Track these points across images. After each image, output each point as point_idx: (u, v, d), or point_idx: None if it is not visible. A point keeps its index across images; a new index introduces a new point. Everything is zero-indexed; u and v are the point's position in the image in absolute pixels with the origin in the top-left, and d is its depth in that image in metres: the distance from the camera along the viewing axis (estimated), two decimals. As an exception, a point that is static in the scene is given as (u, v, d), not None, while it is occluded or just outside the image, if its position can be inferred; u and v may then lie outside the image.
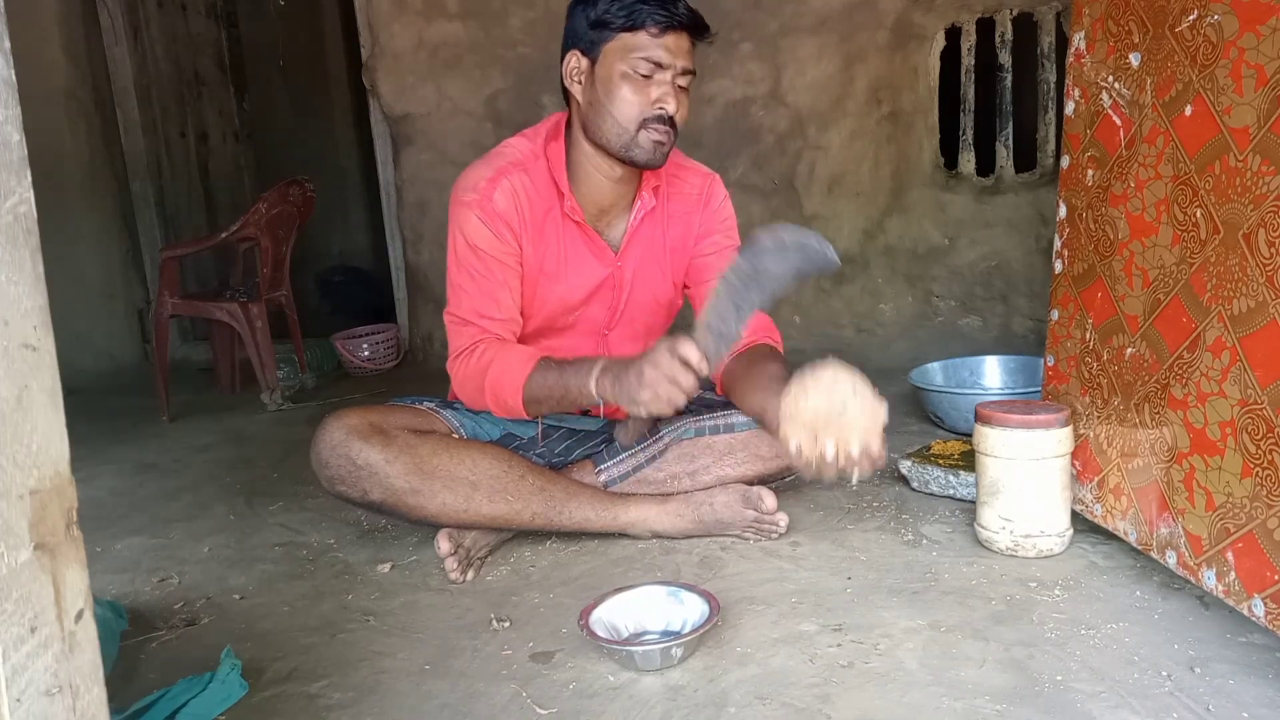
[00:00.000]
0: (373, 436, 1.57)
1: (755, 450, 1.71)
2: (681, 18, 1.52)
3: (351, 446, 1.56)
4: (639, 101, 1.53)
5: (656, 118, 1.53)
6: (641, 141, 1.55)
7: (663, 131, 1.55)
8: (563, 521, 1.65)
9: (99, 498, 2.26)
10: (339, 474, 1.57)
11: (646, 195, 1.70)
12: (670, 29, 1.51)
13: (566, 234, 1.67)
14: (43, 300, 0.55)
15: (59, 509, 0.56)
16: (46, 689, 0.54)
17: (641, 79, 1.53)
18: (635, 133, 1.55)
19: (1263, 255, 1.16)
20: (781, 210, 3.41)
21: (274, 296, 3.30)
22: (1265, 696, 1.11)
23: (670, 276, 1.79)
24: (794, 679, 1.20)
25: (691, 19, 1.54)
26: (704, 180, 1.79)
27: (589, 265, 1.70)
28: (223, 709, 1.21)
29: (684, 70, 1.54)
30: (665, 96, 1.53)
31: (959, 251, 3.20)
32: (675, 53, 1.52)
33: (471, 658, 1.32)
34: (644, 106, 1.53)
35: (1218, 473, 1.25)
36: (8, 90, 0.53)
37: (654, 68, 1.52)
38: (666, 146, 1.57)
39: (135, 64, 4.09)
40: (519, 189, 1.63)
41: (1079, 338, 1.61)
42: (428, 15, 3.59)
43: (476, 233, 1.62)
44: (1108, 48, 1.52)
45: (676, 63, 1.53)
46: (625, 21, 1.51)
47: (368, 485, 1.57)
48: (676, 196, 1.76)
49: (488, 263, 1.63)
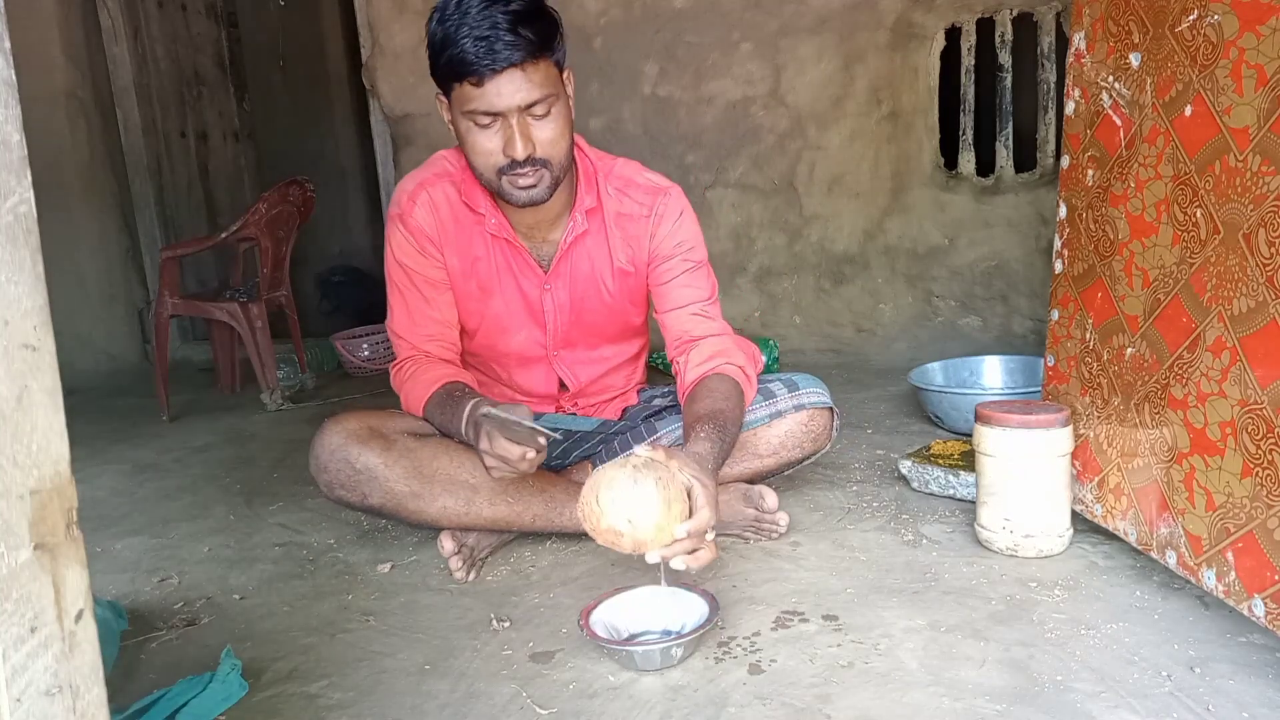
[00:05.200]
0: (372, 441, 1.56)
1: (753, 449, 1.71)
2: (502, 60, 1.37)
3: (350, 451, 1.56)
4: (489, 151, 1.46)
5: (510, 165, 1.45)
6: (506, 188, 1.49)
7: (524, 174, 1.46)
8: (563, 522, 1.65)
9: (99, 498, 2.26)
10: (338, 479, 1.57)
11: (578, 218, 1.62)
12: (495, 74, 1.38)
13: (496, 249, 1.64)
14: (43, 300, 0.55)
15: (59, 509, 0.56)
16: (46, 689, 0.54)
17: (482, 129, 1.45)
18: (498, 180, 1.49)
19: (1263, 255, 1.16)
20: (781, 210, 3.41)
21: (274, 296, 3.30)
22: (1265, 696, 1.11)
23: (622, 298, 1.70)
24: (794, 679, 1.20)
25: (521, 52, 1.38)
26: (654, 199, 1.65)
27: (517, 283, 1.66)
28: (223, 709, 1.21)
29: (526, 106, 1.42)
30: (509, 143, 1.43)
31: (959, 251, 3.20)
32: (509, 94, 1.40)
33: (471, 658, 1.32)
34: (495, 156, 1.46)
35: (1218, 473, 1.25)
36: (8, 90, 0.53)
37: (490, 117, 1.43)
38: (539, 185, 1.48)
39: (135, 64, 4.09)
40: (439, 201, 1.61)
41: (1079, 338, 1.61)
42: (427, 15, 3.59)
43: (400, 248, 1.63)
44: (1108, 48, 1.52)
45: (513, 103, 1.41)
46: (449, 74, 1.42)
47: (367, 489, 1.56)
48: (624, 217, 1.65)
49: (412, 277, 1.63)
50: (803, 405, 1.71)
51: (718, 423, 1.46)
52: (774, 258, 3.45)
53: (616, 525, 1.18)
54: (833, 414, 1.75)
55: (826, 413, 1.74)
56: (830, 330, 3.41)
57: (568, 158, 1.52)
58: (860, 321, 3.38)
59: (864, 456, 2.15)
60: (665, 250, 1.66)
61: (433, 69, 1.46)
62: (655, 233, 1.65)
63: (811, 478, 1.99)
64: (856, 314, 3.38)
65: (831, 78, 3.28)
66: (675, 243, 1.66)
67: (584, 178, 1.64)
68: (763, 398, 1.70)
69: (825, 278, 3.41)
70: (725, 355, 1.61)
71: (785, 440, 1.72)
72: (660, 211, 1.65)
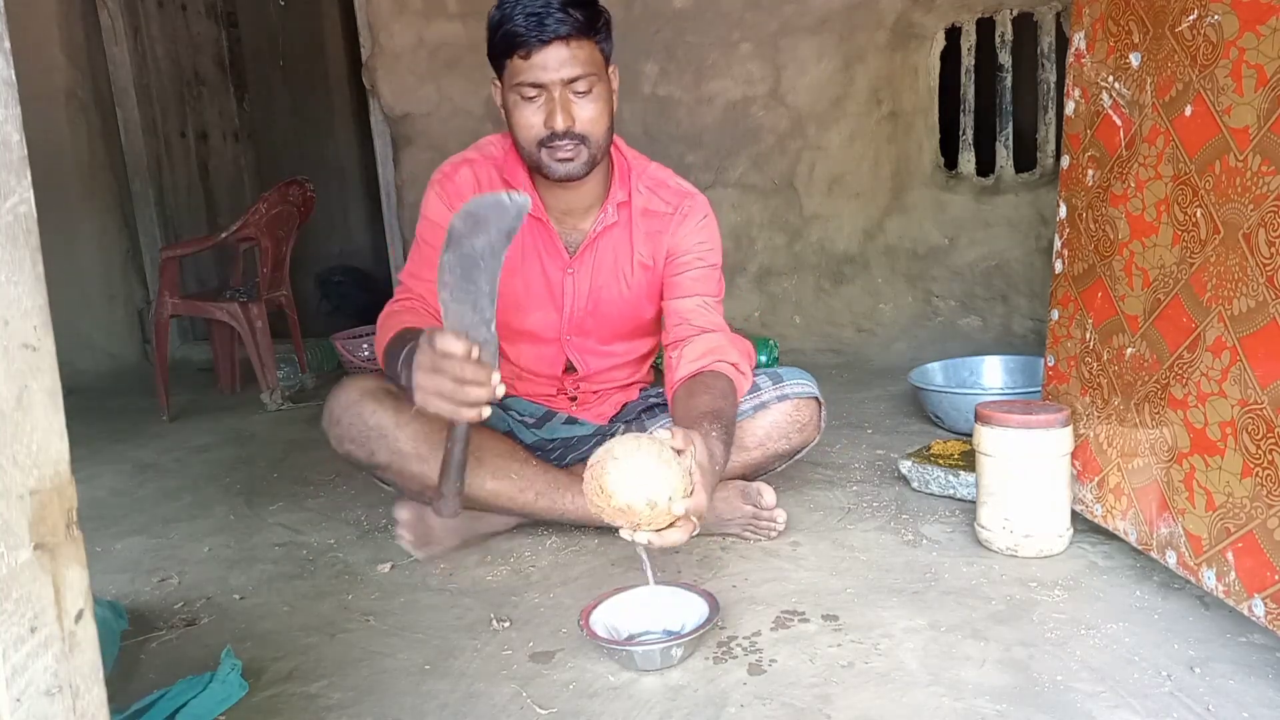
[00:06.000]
0: (386, 399, 1.61)
1: (738, 442, 1.66)
2: (549, 32, 1.47)
3: (365, 407, 1.60)
4: (531, 124, 1.54)
5: (550, 136, 1.53)
6: (546, 160, 1.56)
7: (564, 147, 1.53)
8: (565, 506, 1.66)
9: (99, 498, 2.25)
10: (349, 432, 1.60)
11: (610, 209, 1.68)
12: (543, 45, 1.47)
13: (528, 228, 1.67)
14: (43, 300, 0.55)
15: (59, 509, 0.56)
16: (46, 689, 0.54)
17: (528, 102, 1.53)
18: (538, 153, 1.56)
19: (1263, 255, 1.16)
20: (781, 210, 3.41)
21: (274, 296, 3.30)
22: (1265, 696, 1.11)
23: (640, 293, 1.74)
24: (794, 679, 1.20)
25: (568, 27, 1.47)
26: (682, 199, 1.72)
27: (541, 263, 1.70)
28: (223, 709, 1.21)
29: (569, 79, 1.50)
30: (551, 115, 1.51)
31: (959, 251, 3.20)
32: (554, 67, 1.48)
33: (471, 658, 1.32)
34: (536, 129, 1.53)
35: (1218, 473, 1.25)
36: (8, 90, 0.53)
37: (536, 89, 1.51)
38: (576, 160, 1.55)
39: (135, 64, 4.09)
40: (482, 176, 1.67)
41: (1079, 338, 1.61)
42: (428, 15, 3.59)
43: (433, 207, 1.69)
44: (1108, 48, 1.52)
45: (557, 77, 1.49)
46: (503, 49, 1.51)
47: (375, 446, 1.59)
48: (650, 213, 1.71)
49: (436, 232, 1.64)
50: (786, 395, 1.71)
51: (723, 422, 1.47)
52: (774, 258, 3.45)
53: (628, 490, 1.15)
54: (820, 405, 1.74)
55: (813, 403, 1.73)
56: (830, 330, 3.41)
57: (606, 139, 1.59)
58: (860, 321, 3.38)
59: (864, 456, 2.15)
60: (684, 246, 1.71)
61: (490, 50, 1.54)
62: (677, 231, 1.71)
63: (811, 478, 1.99)
64: (856, 314, 3.38)
65: (831, 78, 3.28)
66: (696, 241, 1.71)
67: (619, 173, 1.70)
68: (747, 391, 1.70)
69: (825, 278, 3.41)
70: (720, 353, 1.63)
71: (771, 431, 1.71)
72: (685, 211, 1.71)
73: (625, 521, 1.18)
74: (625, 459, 1.17)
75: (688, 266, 1.71)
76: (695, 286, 1.70)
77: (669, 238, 1.71)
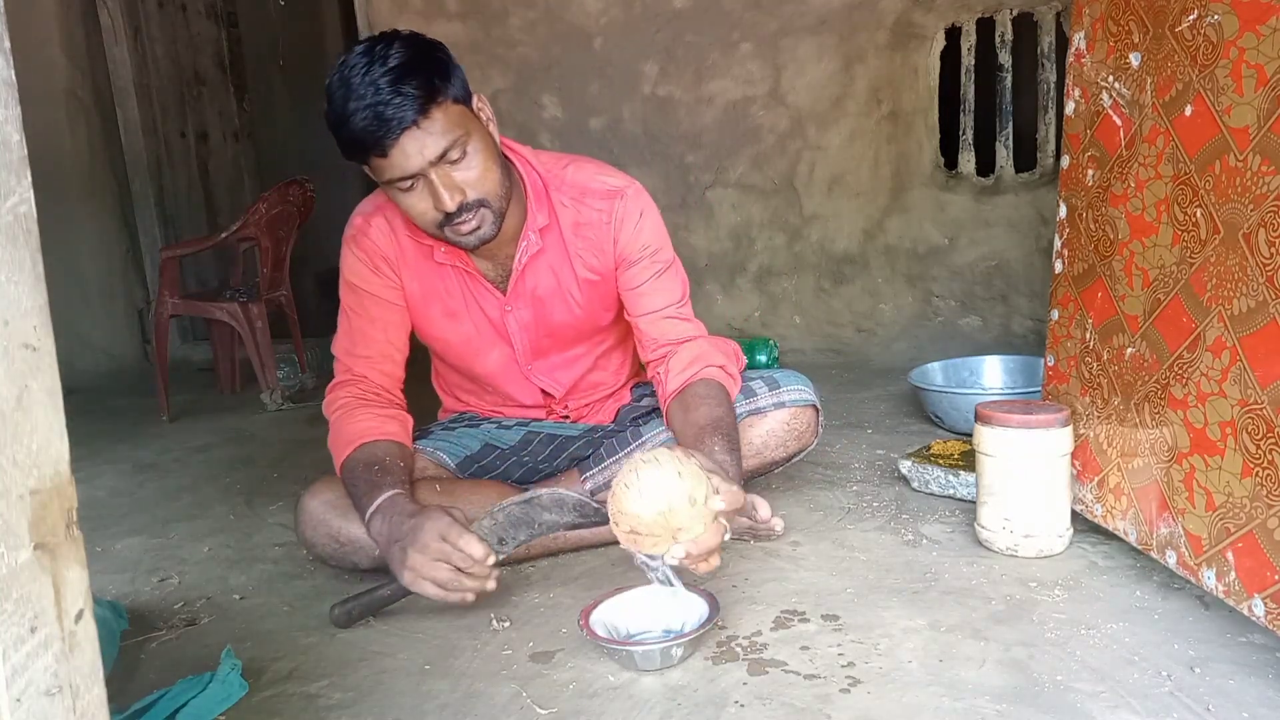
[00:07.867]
0: (351, 511, 1.49)
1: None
2: (396, 127, 1.33)
3: (333, 525, 1.53)
4: (422, 211, 1.43)
5: (446, 218, 1.42)
6: (453, 238, 1.47)
7: (466, 220, 1.43)
8: (559, 546, 1.64)
9: (99, 498, 2.26)
10: (325, 553, 1.56)
11: (531, 237, 1.58)
12: (395, 139, 1.34)
13: (454, 275, 1.63)
14: (43, 300, 0.55)
15: (59, 509, 0.56)
16: (46, 689, 0.54)
17: (407, 193, 1.42)
18: (442, 233, 1.47)
19: (1263, 255, 1.16)
20: (781, 210, 3.41)
21: (274, 296, 3.30)
22: (1265, 696, 1.11)
23: (593, 306, 1.67)
24: (794, 679, 1.20)
25: (412, 110, 1.33)
26: (611, 203, 1.60)
27: (479, 306, 1.65)
28: (223, 709, 1.21)
29: (437, 158, 1.37)
30: (437, 198, 1.40)
31: (959, 251, 3.20)
32: (416, 153, 1.36)
33: (471, 658, 1.32)
34: (429, 214, 1.43)
35: (1218, 473, 1.25)
36: (8, 90, 0.53)
37: (409, 180, 1.39)
38: (483, 225, 1.46)
39: (135, 64, 4.09)
40: (397, 227, 1.59)
41: (1079, 338, 1.61)
42: (428, 15, 3.59)
43: (352, 268, 1.62)
44: (1108, 48, 1.52)
45: (424, 161, 1.37)
46: (356, 152, 1.39)
47: (356, 559, 1.55)
48: (583, 226, 1.61)
49: (361, 297, 1.61)
50: (783, 404, 1.70)
51: (724, 431, 1.46)
52: (774, 258, 3.45)
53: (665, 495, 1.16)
54: (817, 412, 1.74)
55: (810, 411, 1.73)
56: (830, 330, 3.41)
57: (503, 187, 1.48)
58: (860, 321, 3.38)
59: (864, 456, 2.15)
60: (631, 255, 1.62)
61: (341, 151, 1.42)
62: (618, 238, 1.61)
63: (811, 478, 1.99)
64: (856, 314, 3.39)
65: (831, 78, 3.28)
66: (640, 246, 1.61)
67: (533, 194, 1.58)
68: (743, 396, 1.69)
69: (825, 278, 3.41)
70: (705, 359, 1.60)
71: (768, 440, 1.71)
72: (620, 215, 1.60)
73: (664, 530, 1.18)
74: (647, 471, 1.18)
75: (641, 277, 1.62)
76: (657, 298, 1.63)
77: (611, 247, 1.62)
